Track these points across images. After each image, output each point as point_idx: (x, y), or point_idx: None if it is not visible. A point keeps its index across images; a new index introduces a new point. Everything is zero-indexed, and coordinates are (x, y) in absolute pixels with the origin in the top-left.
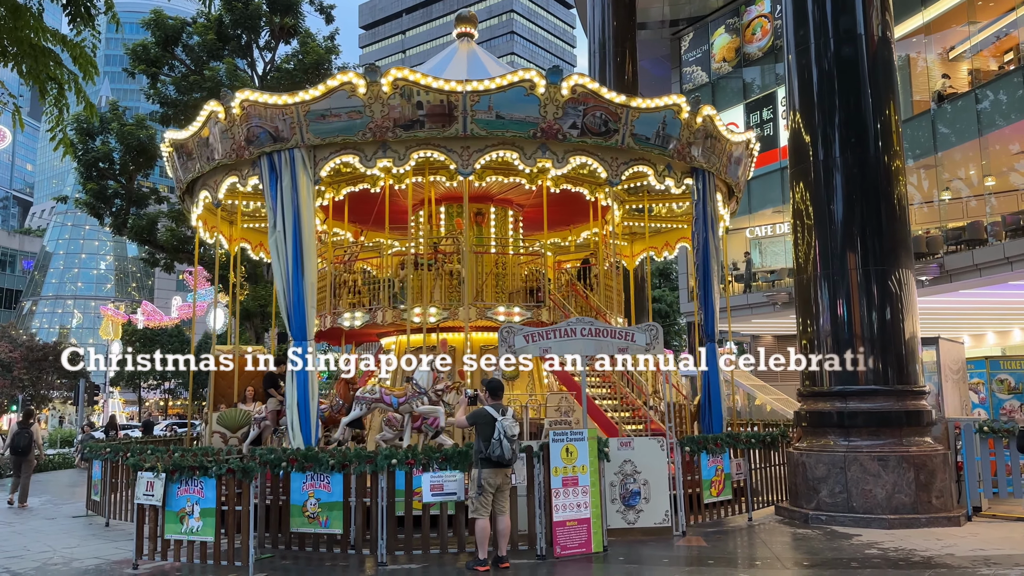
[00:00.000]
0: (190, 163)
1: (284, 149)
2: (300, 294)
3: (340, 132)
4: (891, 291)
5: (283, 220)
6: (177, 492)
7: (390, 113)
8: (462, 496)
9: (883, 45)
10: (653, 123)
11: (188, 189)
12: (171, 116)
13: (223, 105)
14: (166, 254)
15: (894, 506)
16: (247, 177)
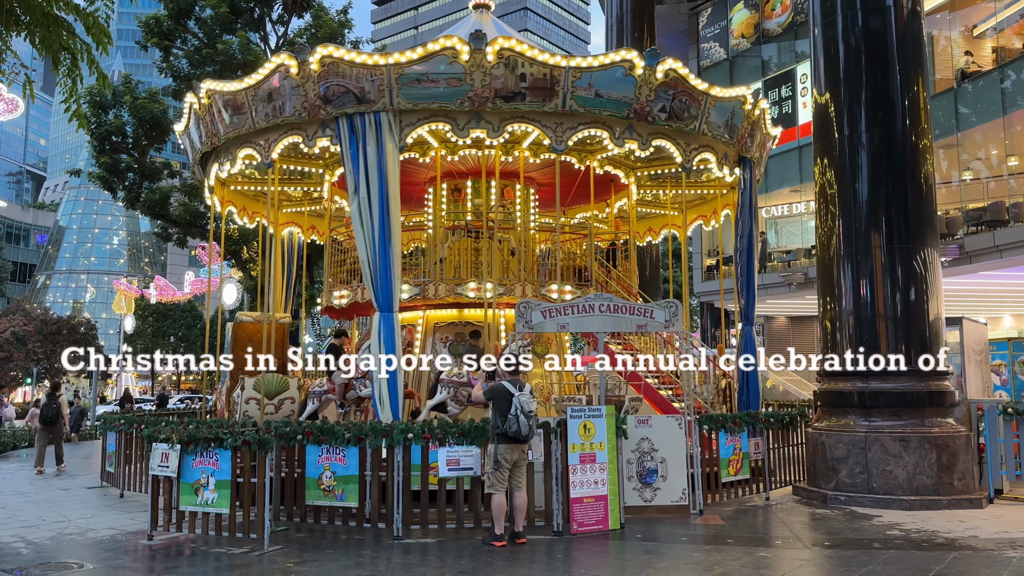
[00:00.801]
0: (236, 118)
1: (369, 112)
2: (388, 263)
3: (436, 99)
4: (916, 271)
5: (367, 186)
6: (192, 464)
7: (492, 83)
8: (478, 471)
9: (912, 17)
10: (724, 112)
11: (219, 149)
12: (183, 90)
13: (297, 59)
14: (179, 228)
15: (915, 487)
16: (315, 137)
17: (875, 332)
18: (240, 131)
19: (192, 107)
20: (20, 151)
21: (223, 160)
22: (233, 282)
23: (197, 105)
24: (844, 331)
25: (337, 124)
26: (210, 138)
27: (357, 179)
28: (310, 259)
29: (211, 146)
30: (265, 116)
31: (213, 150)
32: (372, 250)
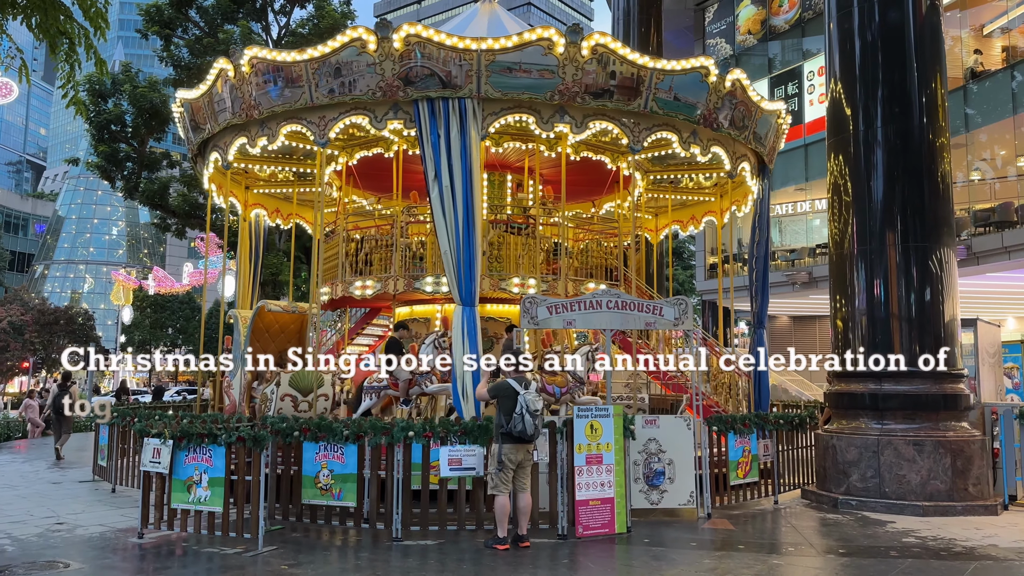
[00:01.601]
0: (289, 91)
1: (453, 97)
2: (471, 255)
3: (526, 89)
4: (931, 271)
5: (449, 174)
6: (185, 460)
7: (583, 78)
8: (481, 471)
9: (931, 11)
10: (766, 124)
11: (252, 123)
12: (184, 80)
13: (377, 35)
14: (178, 219)
15: (929, 493)
16: (384, 119)
17: (889, 333)
18: (292, 105)
19: (225, 74)
20: (20, 140)
21: (256, 135)
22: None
23: (232, 72)
24: (857, 331)
25: (416, 107)
26: (247, 110)
27: (438, 166)
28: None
29: (245, 119)
30: (329, 91)
31: (243, 124)
32: (455, 241)
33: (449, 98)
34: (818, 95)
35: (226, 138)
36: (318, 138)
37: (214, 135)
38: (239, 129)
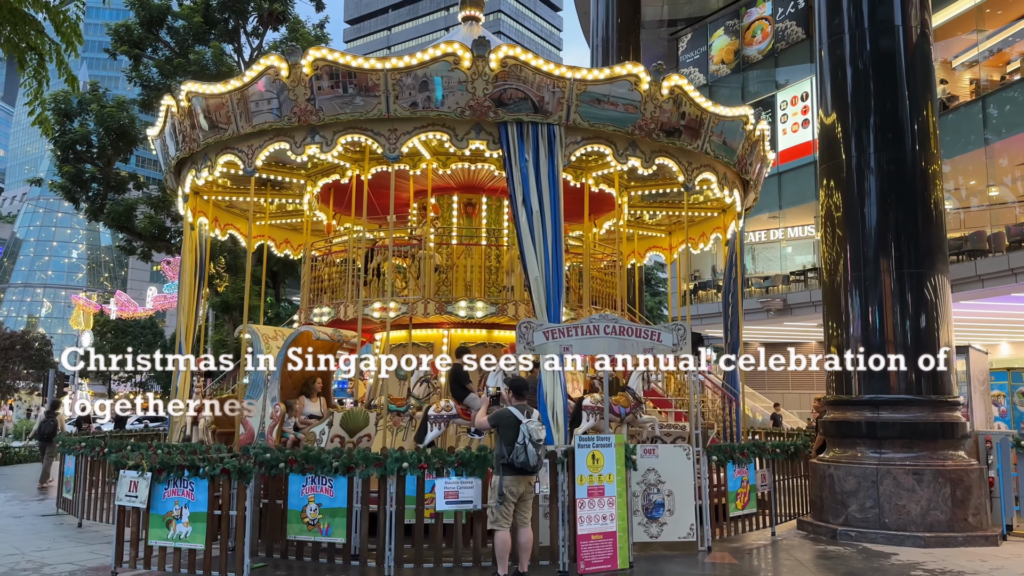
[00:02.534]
0: (361, 99)
1: (543, 123)
2: (559, 279)
3: (611, 121)
4: (926, 297)
5: (539, 200)
6: (164, 494)
7: (659, 116)
8: (479, 505)
9: (922, 39)
10: (768, 164)
11: (282, 132)
12: (153, 100)
13: (473, 53)
14: (144, 242)
15: (929, 523)
16: (465, 139)
17: (885, 359)
18: (363, 114)
19: (274, 73)
20: None
21: (304, 141)
22: None
23: (287, 72)
24: (853, 358)
25: (503, 129)
26: (299, 114)
27: (527, 190)
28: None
29: (296, 123)
30: (411, 104)
31: (287, 129)
32: (544, 266)
33: (539, 123)
34: (791, 124)
35: (255, 141)
36: (388, 151)
37: (238, 137)
38: (279, 133)
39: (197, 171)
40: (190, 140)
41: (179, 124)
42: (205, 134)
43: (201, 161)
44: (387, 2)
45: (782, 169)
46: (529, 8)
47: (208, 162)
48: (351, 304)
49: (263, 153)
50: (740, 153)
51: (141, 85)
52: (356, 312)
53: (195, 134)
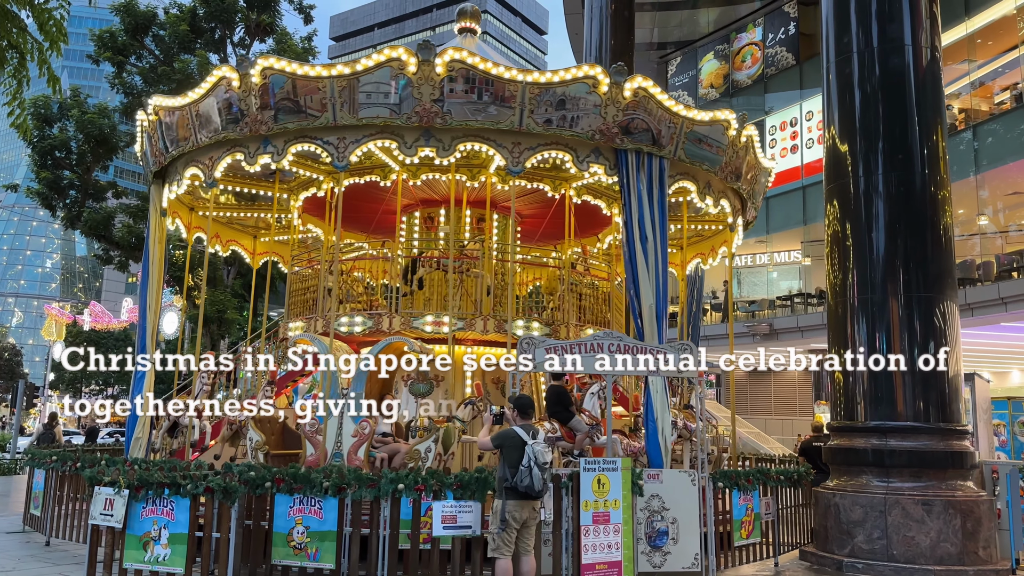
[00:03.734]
0: (495, 108)
1: (656, 154)
2: (665, 306)
3: (705, 160)
4: (935, 324)
5: (652, 228)
6: (142, 512)
7: (736, 161)
8: (478, 530)
9: (932, 60)
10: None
11: (393, 130)
12: (136, 108)
13: (611, 79)
14: (121, 252)
15: (939, 556)
16: (586, 161)
17: (892, 387)
18: (495, 124)
19: (401, 68)
20: None
21: (416, 143)
22: (174, 310)
23: (415, 69)
24: (859, 385)
25: (623, 157)
26: (423, 115)
27: (642, 219)
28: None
29: (418, 123)
30: (546, 121)
31: (402, 128)
32: (655, 293)
33: (654, 155)
34: (779, 150)
35: (350, 135)
36: (511, 165)
37: (197, 149)
38: (388, 132)
39: (170, 185)
40: (158, 153)
41: (151, 138)
42: (170, 147)
43: (172, 174)
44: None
45: (770, 194)
46: (514, 30)
47: (177, 175)
48: (395, 316)
49: (358, 149)
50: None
51: (124, 92)
52: (399, 324)
53: (161, 148)
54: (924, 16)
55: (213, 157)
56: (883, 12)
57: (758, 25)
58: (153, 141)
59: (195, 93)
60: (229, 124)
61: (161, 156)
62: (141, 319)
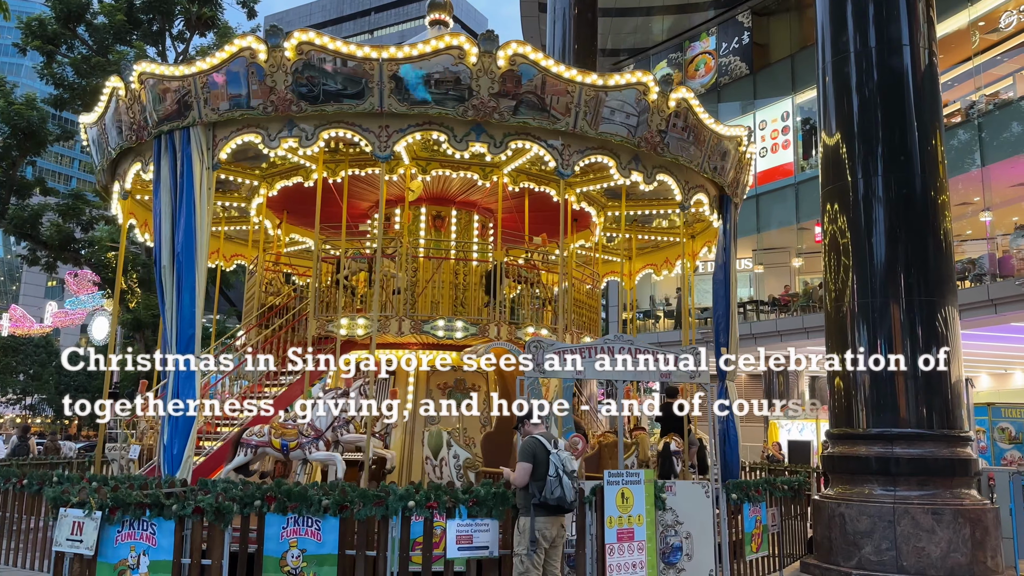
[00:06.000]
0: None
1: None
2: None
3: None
4: (937, 329)
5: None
6: (116, 538)
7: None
8: (496, 551)
9: (930, 63)
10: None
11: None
12: (67, 100)
13: (660, 87)
14: (49, 252)
15: (949, 567)
16: (628, 168)
17: (894, 393)
18: (545, 124)
19: (462, 58)
20: None
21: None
22: (105, 314)
23: (474, 57)
24: (860, 392)
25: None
26: (481, 108)
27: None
28: None
29: (476, 115)
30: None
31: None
32: (728, 307)
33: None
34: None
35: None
36: (560, 168)
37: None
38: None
39: (144, 164)
40: (138, 128)
41: (127, 110)
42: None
43: (151, 152)
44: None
45: None
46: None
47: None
48: (405, 319)
49: (229, 145)
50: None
51: (54, 84)
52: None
53: (145, 121)
54: (922, 18)
55: (571, 147)
56: (880, 12)
57: (712, 34)
58: (132, 113)
59: (206, 63)
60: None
61: (142, 131)
62: (188, 311)
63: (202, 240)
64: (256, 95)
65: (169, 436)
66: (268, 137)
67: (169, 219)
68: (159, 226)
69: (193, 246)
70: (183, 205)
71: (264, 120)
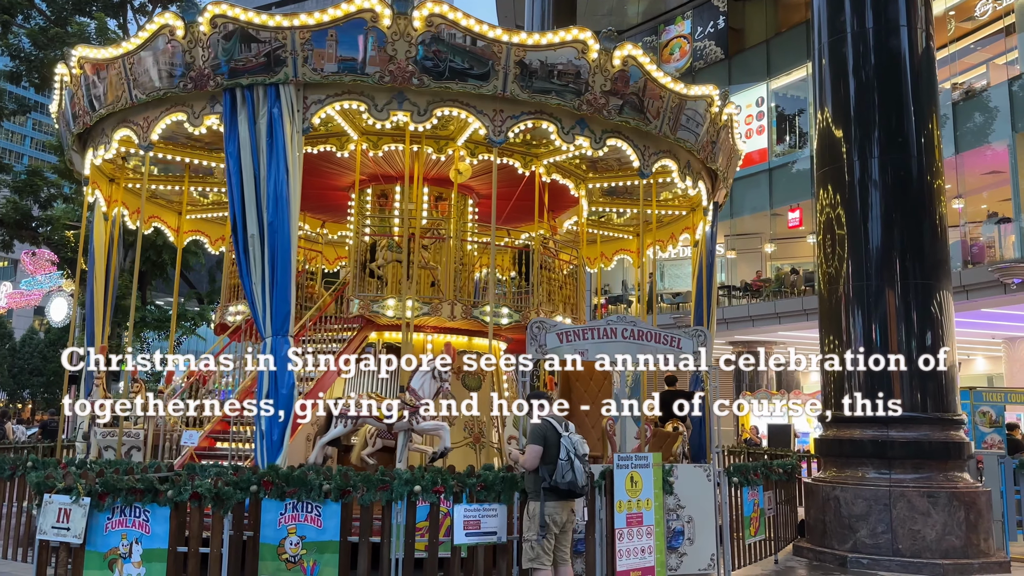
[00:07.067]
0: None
1: None
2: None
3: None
4: (932, 313)
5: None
6: (106, 525)
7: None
8: (503, 537)
9: (927, 46)
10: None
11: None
12: (23, 72)
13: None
14: (5, 230)
15: (944, 549)
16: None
17: (889, 376)
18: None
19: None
20: None
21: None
22: (64, 295)
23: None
24: (855, 376)
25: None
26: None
27: None
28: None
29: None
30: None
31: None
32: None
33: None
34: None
35: (150, 112)
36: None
37: (131, 108)
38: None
39: (95, 149)
40: (84, 113)
41: (74, 96)
42: (97, 105)
43: (98, 137)
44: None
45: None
46: None
47: (104, 138)
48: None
49: (324, 110)
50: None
51: (10, 56)
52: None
53: (87, 106)
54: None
55: (149, 117)
56: None
57: (687, 18)
58: (76, 99)
59: (312, 18)
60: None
61: (87, 116)
62: (283, 286)
63: (295, 208)
64: (373, 62)
65: (268, 423)
66: (375, 108)
67: (252, 183)
68: (239, 191)
69: (287, 214)
70: (272, 168)
71: (372, 89)
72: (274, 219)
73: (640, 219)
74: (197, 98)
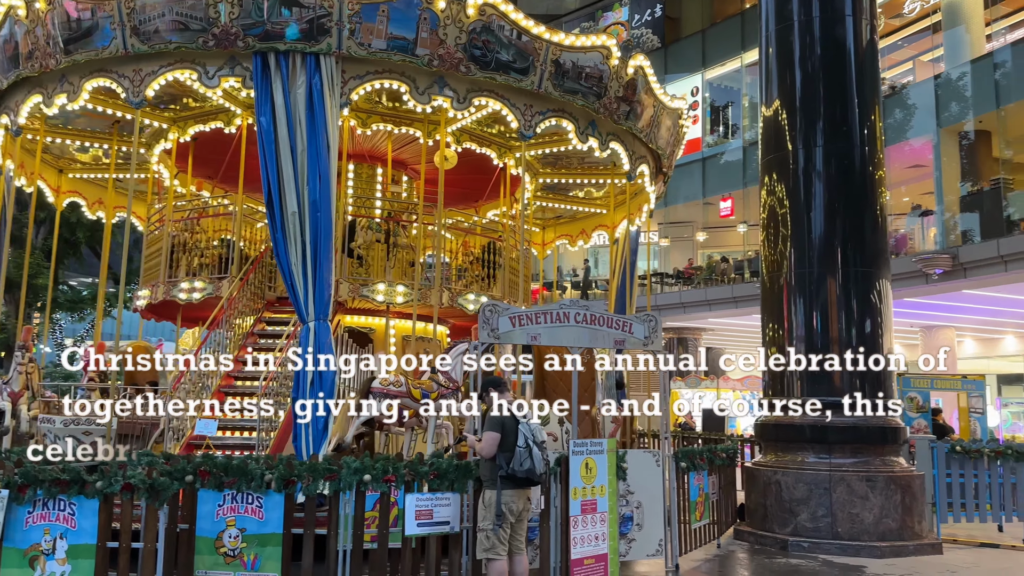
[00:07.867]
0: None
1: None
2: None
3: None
4: (872, 301)
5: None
6: (27, 520)
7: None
8: (456, 527)
9: (871, 38)
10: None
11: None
12: None
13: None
14: None
15: (881, 532)
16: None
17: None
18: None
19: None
20: None
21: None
22: None
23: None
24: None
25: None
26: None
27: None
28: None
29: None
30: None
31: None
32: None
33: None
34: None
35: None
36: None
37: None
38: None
39: (46, 96)
40: (43, 56)
41: (28, 34)
42: (70, 50)
43: (55, 84)
44: None
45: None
46: None
47: (68, 86)
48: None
49: (363, 87)
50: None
51: None
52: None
53: (53, 49)
54: None
55: (142, 72)
56: None
57: (624, 5)
58: (33, 38)
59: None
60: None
61: (48, 59)
62: (326, 268)
63: (335, 186)
64: (424, 43)
65: (312, 411)
66: (416, 90)
67: (290, 157)
68: (275, 164)
69: (330, 191)
70: (313, 143)
71: (416, 71)
72: (316, 197)
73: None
74: (213, 57)
